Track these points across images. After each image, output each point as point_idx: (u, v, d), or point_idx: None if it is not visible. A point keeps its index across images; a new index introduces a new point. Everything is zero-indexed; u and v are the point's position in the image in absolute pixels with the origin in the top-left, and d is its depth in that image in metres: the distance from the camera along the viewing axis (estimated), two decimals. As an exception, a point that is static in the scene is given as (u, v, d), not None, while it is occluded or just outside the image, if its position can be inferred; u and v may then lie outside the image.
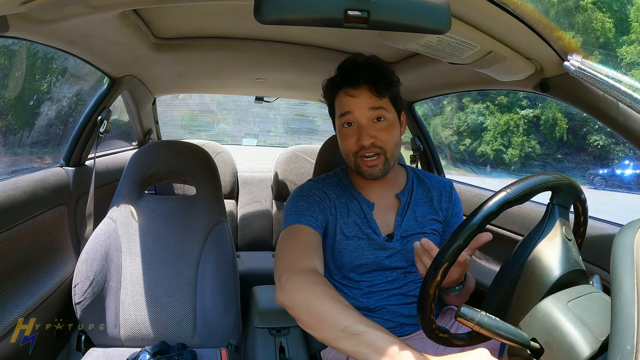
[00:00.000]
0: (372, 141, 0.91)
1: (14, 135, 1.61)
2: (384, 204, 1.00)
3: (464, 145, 10.01)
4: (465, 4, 0.71)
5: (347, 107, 0.93)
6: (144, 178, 1.27)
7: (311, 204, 0.94)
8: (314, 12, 0.54)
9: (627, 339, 0.42)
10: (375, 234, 0.97)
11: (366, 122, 0.92)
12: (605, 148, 8.31)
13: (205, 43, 1.26)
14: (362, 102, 0.91)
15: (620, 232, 0.50)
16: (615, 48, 8.60)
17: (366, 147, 0.91)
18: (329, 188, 1.00)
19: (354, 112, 0.92)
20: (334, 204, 0.98)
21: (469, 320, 0.56)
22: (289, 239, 0.88)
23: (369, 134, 0.91)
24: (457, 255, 0.63)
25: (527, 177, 0.65)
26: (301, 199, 0.96)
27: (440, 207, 1.03)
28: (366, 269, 0.98)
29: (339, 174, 1.06)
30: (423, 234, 0.99)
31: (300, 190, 1.00)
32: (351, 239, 0.97)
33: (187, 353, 1.07)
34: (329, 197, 0.98)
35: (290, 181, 2.21)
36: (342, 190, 1.01)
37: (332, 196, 0.99)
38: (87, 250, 1.16)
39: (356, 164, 0.94)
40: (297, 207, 0.94)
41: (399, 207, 1.00)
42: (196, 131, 3.54)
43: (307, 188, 1.00)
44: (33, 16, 0.77)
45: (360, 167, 0.94)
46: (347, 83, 0.92)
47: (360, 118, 0.92)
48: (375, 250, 0.97)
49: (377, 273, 0.99)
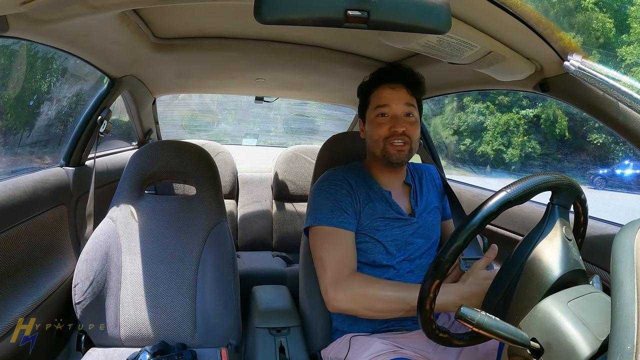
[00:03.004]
0: (403, 129, 1.02)
1: (14, 135, 1.61)
2: (398, 191, 1.11)
3: (464, 145, 10.00)
4: (465, 4, 0.71)
5: (385, 100, 1.05)
6: (144, 178, 1.27)
7: (341, 201, 1.02)
8: (314, 12, 0.55)
9: (627, 339, 0.42)
10: (399, 214, 1.07)
11: (400, 114, 1.04)
12: (605, 148, 8.31)
13: (205, 43, 1.26)
14: (400, 96, 1.04)
15: (620, 232, 0.50)
16: (615, 48, 8.60)
17: (398, 134, 1.02)
18: (351, 178, 1.08)
19: (391, 104, 1.04)
20: (356, 193, 1.06)
21: (469, 320, 0.56)
22: (330, 244, 0.98)
23: (402, 124, 1.03)
24: (457, 255, 0.64)
25: (527, 177, 0.65)
26: (330, 197, 1.03)
27: (435, 187, 1.18)
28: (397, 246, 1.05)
29: (356, 166, 1.13)
30: (434, 209, 1.13)
31: (326, 184, 1.06)
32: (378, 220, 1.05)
33: (187, 353, 1.07)
34: (352, 187, 1.06)
35: (290, 181, 2.21)
36: (362, 180, 1.09)
37: (355, 186, 1.07)
38: (87, 250, 1.16)
39: (384, 148, 1.04)
40: (328, 205, 1.02)
41: (410, 192, 1.12)
42: (196, 131, 3.53)
43: (333, 181, 1.06)
44: (33, 16, 0.77)
45: (389, 151, 1.04)
46: (390, 79, 1.07)
47: (395, 110, 1.04)
48: (404, 226, 1.06)
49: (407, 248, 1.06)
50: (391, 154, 1.03)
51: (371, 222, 1.04)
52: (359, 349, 0.95)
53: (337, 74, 1.52)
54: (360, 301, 0.91)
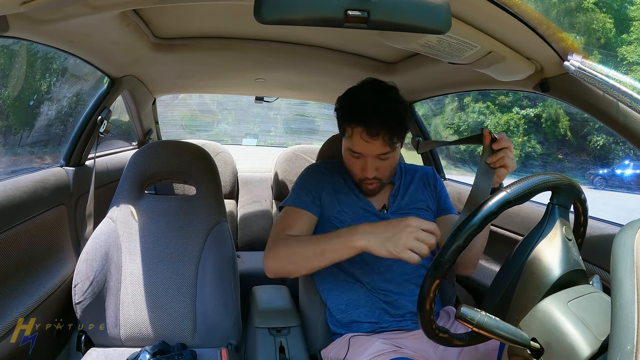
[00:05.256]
0: (375, 174, 1.00)
1: (14, 135, 1.61)
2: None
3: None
4: (465, 4, 0.71)
5: (358, 149, 0.98)
6: (144, 178, 1.27)
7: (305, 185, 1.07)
8: (314, 12, 0.54)
9: (627, 339, 0.42)
10: (367, 207, 1.06)
11: (373, 158, 0.98)
12: (606, 148, 8.31)
13: (205, 43, 1.26)
14: (375, 149, 0.96)
15: (620, 232, 0.50)
16: (615, 48, 8.60)
17: (367, 179, 1.01)
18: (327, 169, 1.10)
19: (364, 154, 0.98)
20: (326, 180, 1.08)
21: (469, 320, 0.56)
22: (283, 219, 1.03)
23: (373, 167, 0.99)
24: (457, 255, 0.64)
25: (527, 177, 0.65)
26: (300, 181, 1.09)
27: (429, 187, 1.13)
28: None
29: (339, 162, 1.11)
30: (417, 209, 1.08)
31: (302, 173, 1.12)
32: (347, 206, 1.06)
33: (187, 353, 1.07)
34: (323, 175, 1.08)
35: (290, 181, 2.21)
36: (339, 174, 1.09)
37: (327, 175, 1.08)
38: (87, 250, 1.16)
39: (358, 183, 1.05)
40: (296, 189, 1.08)
41: (392, 189, 1.10)
42: (196, 131, 3.53)
43: (308, 169, 1.12)
44: (33, 16, 0.76)
45: (361, 187, 1.05)
46: (367, 131, 0.94)
47: (370, 154, 0.98)
48: (372, 217, 1.05)
49: None
50: (363, 189, 1.05)
51: (339, 211, 1.05)
52: (359, 349, 0.95)
53: (337, 74, 1.52)
54: (286, 257, 0.92)
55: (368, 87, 1.00)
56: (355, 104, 0.97)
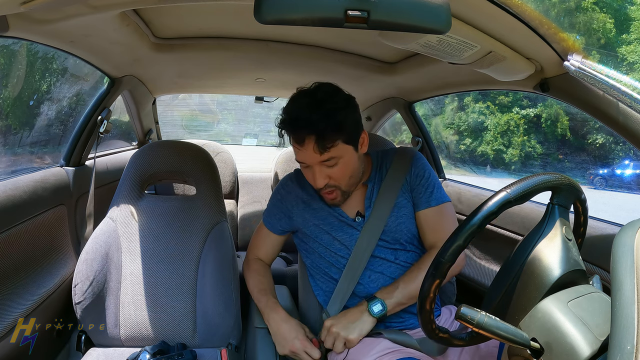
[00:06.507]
0: (326, 182, 0.95)
1: (14, 135, 1.61)
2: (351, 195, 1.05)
3: (465, 145, 9.99)
4: (465, 4, 0.71)
5: (298, 157, 0.96)
6: (144, 178, 1.27)
7: (274, 203, 1.12)
8: (314, 12, 0.54)
9: (627, 339, 0.42)
10: (342, 217, 1.04)
11: (318, 165, 0.94)
12: (606, 148, 8.31)
13: (205, 43, 1.26)
14: (310, 156, 0.93)
15: (620, 232, 0.50)
16: (615, 48, 8.60)
17: (322, 188, 0.97)
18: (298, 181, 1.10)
19: (307, 163, 0.95)
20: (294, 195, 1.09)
21: (469, 320, 0.56)
22: (255, 234, 1.18)
23: (322, 176, 0.95)
24: (457, 255, 0.63)
25: (527, 177, 0.65)
26: (273, 197, 1.14)
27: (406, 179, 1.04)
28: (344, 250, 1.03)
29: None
30: (397, 209, 1.02)
31: (277, 186, 1.15)
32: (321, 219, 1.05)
33: (187, 353, 1.07)
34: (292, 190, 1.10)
35: (290, 181, 2.21)
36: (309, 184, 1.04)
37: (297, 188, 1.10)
38: (87, 250, 1.16)
39: (319, 193, 1.03)
40: (269, 205, 1.14)
41: (366, 192, 1.05)
42: (196, 131, 3.53)
43: (281, 183, 1.14)
44: (33, 16, 0.76)
45: (323, 197, 1.03)
46: (293, 137, 0.93)
47: (310, 163, 0.94)
48: (347, 227, 1.04)
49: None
50: (325, 199, 1.03)
51: (315, 226, 1.05)
52: (361, 348, 0.95)
53: (337, 74, 1.52)
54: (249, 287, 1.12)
55: (298, 94, 0.97)
56: (284, 112, 0.96)
